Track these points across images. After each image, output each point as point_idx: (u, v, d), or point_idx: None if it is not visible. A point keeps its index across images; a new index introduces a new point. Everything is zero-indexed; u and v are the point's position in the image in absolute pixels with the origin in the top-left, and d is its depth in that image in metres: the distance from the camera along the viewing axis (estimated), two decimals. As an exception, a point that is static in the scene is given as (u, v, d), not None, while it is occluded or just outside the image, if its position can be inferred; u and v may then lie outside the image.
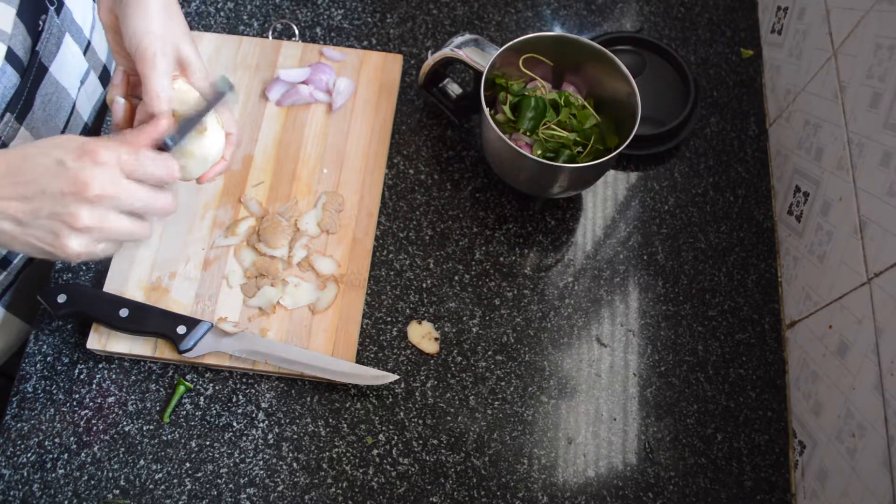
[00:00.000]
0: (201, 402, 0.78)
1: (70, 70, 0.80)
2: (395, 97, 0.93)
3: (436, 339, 0.82)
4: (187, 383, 0.78)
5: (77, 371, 0.79)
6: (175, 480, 0.75)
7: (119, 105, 0.67)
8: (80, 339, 0.80)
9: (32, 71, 0.73)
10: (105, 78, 0.89)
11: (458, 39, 0.85)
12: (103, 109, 0.91)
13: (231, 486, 0.75)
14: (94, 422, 0.77)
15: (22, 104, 0.73)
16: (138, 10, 0.63)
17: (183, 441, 0.76)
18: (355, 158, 0.89)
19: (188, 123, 0.65)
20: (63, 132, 0.81)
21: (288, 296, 0.80)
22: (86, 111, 0.85)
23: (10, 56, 0.70)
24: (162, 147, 0.63)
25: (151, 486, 0.74)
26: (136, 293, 0.80)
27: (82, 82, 0.83)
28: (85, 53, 0.83)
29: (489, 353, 0.82)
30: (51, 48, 0.75)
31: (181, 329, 0.76)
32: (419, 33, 0.99)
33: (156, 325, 0.76)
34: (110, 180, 0.57)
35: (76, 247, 0.58)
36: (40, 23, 0.73)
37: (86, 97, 0.85)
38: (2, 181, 0.56)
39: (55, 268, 0.83)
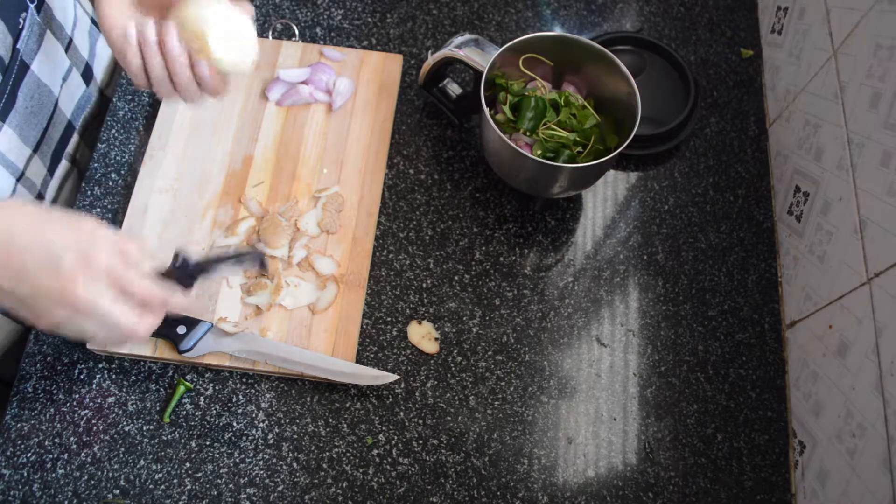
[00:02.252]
0: (201, 402, 0.78)
1: (52, 68, 0.80)
2: (395, 97, 0.93)
3: (436, 339, 0.82)
4: (187, 383, 0.78)
5: (77, 371, 0.79)
6: (175, 480, 0.75)
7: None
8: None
9: (14, 68, 0.73)
10: (87, 76, 0.89)
11: (458, 39, 0.85)
12: (88, 108, 0.91)
13: (231, 486, 0.75)
14: (94, 422, 0.77)
15: (4, 102, 0.73)
16: None
17: (183, 441, 0.76)
18: (355, 158, 0.89)
19: (198, 269, 0.64)
20: (46, 129, 0.81)
21: (288, 296, 0.80)
22: (69, 109, 0.86)
23: None
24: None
25: (151, 486, 0.74)
26: (136, 293, 0.80)
27: (64, 80, 0.83)
28: (67, 51, 0.83)
29: (489, 353, 0.82)
30: (32, 46, 0.76)
31: (181, 329, 0.76)
32: (419, 33, 1.00)
33: None
34: (96, 293, 0.55)
35: (47, 328, 0.57)
36: (20, 20, 0.73)
37: (68, 95, 0.85)
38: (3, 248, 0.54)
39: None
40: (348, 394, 0.79)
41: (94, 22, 0.91)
